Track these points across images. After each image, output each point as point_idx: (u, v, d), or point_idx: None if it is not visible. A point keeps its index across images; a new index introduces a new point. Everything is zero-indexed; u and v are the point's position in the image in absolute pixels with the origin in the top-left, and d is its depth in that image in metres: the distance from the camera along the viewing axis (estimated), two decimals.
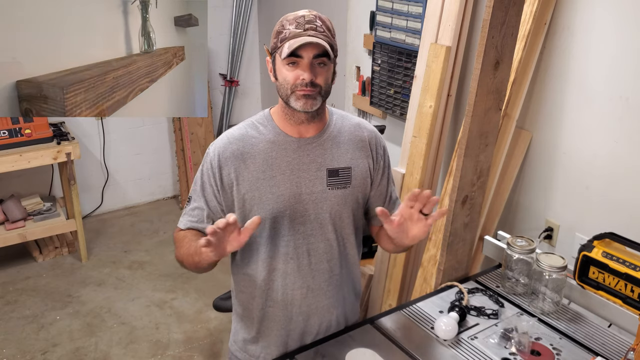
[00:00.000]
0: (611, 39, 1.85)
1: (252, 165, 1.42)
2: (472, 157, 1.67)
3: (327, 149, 1.45)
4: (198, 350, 2.90)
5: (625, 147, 1.86)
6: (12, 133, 3.25)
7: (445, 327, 1.50)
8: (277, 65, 1.37)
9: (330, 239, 1.48)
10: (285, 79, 1.35)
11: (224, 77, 4.38)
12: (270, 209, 1.42)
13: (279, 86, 1.38)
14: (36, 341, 2.94)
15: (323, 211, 1.45)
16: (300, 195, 1.43)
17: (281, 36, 1.34)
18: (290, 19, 1.35)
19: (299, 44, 1.29)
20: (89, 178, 4.12)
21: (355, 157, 1.48)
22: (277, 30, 1.36)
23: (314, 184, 1.44)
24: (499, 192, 2.24)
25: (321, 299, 1.52)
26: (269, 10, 4.25)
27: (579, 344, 1.49)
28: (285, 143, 1.43)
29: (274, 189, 1.42)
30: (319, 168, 1.44)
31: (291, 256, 1.46)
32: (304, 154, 1.43)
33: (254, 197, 1.42)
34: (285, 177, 1.42)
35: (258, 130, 1.45)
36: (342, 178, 1.46)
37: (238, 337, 1.62)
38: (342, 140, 1.48)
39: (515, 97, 2.09)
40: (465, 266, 1.86)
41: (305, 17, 1.34)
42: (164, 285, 3.44)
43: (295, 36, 1.31)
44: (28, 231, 3.47)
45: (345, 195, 1.46)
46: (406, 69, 2.68)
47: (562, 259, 1.59)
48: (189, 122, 4.20)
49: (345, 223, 1.49)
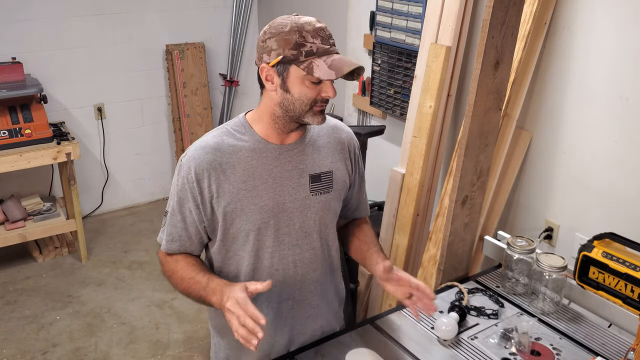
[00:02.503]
0: (611, 39, 1.85)
1: (232, 175, 1.33)
2: (472, 157, 1.67)
3: (308, 155, 1.40)
4: (198, 350, 2.89)
5: (625, 147, 1.86)
6: (12, 133, 3.25)
7: (445, 327, 1.50)
8: (290, 78, 1.26)
9: (315, 248, 1.44)
10: (305, 95, 1.27)
11: (224, 77, 4.38)
12: (253, 220, 1.35)
13: (292, 100, 1.28)
14: (36, 341, 2.94)
15: (308, 219, 1.41)
16: (284, 204, 1.37)
17: (305, 49, 1.23)
18: (309, 29, 1.24)
19: (348, 68, 1.22)
20: (89, 178, 4.12)
21: (335, 160, 1.45)
22: (297, 41, 1.23)
23: (297, 192, 1.38)
24: (499, 192, 2.24)
25: (307, 309, 1.49)
26: (269, 10, 4.25)
27: (579, 344, 1.49)
28: (265, 151, 1.36)
29: (257, 200, 1.35)
30: (301, 175, 1.39)
31: (276, 268, 1.41)
32: (286, 161, 1.38)
33: (235, 210, 1.34)
34: (268, 186, 1.35)
35: (235, 138, 1.36)
36: (324, 183, 1.42)
37: (220, 354, 1.55)
38: (321, 144, 1.44)
39: (515, 97, 2.10)
40: (465, 266, 1.86)
41: (324, 30, 1.26)
42: (164, 285, 3.43)
43: (327, 53, 1.24)
44: (28, 231, 3.47)
45: (328, 200, 1.43)
46: (406, 69, 2.68)
47: (562, 259, 1.59)
48: (189, 122, 4.20)
49: (329, 229, 1.47)
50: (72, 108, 3.91)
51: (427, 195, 2.52)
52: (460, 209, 1.72)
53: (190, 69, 4.15)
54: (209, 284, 1.31)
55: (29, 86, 3.32)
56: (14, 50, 3.53)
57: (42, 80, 3.48)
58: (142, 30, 4.01)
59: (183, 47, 4.10)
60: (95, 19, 3.82)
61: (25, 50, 3.60)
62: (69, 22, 3.73)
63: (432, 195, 2.55)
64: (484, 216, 2.21)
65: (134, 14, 3.95)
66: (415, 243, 2.56)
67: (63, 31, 3.73)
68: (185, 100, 4.17)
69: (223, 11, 4.29)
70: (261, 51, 1.29)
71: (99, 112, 4.02)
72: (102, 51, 3.90)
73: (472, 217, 1.78)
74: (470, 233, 1.81)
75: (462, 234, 1.78)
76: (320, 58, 1.24)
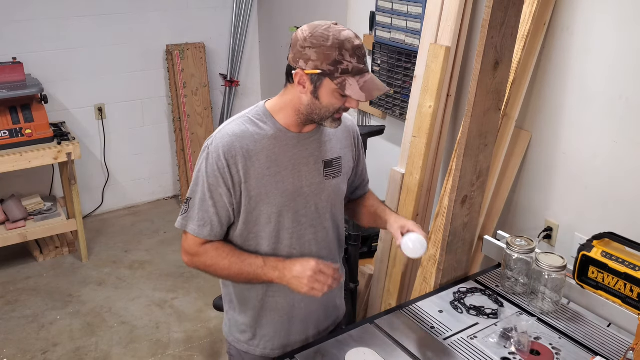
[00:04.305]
0: (611, 39, 1.85)
1: (257, 162, 1.42)
2: (472, 157, 1.68)
3: (322, 142, 1.52)
4: (198, 350, 2.90)
5: (625, 147, 1.86)
6: (13, 133, 3.25)
7: (413, 245, 1.45)
8: (323, 89, 1.35)
9: (327, 227, 1.56)
10: (333, 105, 1.37)
11: (224, 77, 4.39)
12: (276, 204, 1.45)
13: (320, 107, 1.38)
14: (37, 341, 2.94)
15: (322, 201, 1.52)
16: (302, 189, 1.48)
17: (342, 67, 1.32)
18: (348, 47, 1.32)
19: (378, 93, 1.36)
20: (90, 178, 4.13)
21: (343, 146, 1.57)
22: (337, 59, 1.31)
23: (313, 177, 1.49)
24: (499, 192, 2.24)
25: None
26: (269, 10, 4.26)
27: (579, 344, 1.50)
28: (286, 139, 1.46)
29: (279, 185, 1.45)
30: (317, 161, 1.50)
31: (294, 247, 1.51)
32: (303, 149, 1.48)
33: (260, 194, 1.44)
34: (288, 172, 1.46)
35: (258, 127, 1.45)
36: (335, 168, 1.54)
37: (235, 328, 1.63)
38: (331, 132, 1.55)
39: (514, 97, 2.10)
40: (465, 266, 1.86)
41: (361, 49, 1.34)
42: (165, 285, 3.44)
43: (359, 72, 1.33)
44: (29, 231, 3.47)
45: (338, 183, 1.55)
46: (406, 69, 2.68)
47: (561, 259, 1.60)
48: (189, 122, 4.21)
49: (338, 210, 1.59)
50: (72, 108, 3.92)
51: (426, 195, 2.53)
52: (459, 209, 1.72)
53: (191, 69, 4.15)
54: (267, 262, 1.44)
55: (29, 86, 3.33)
56: (14, 51, 3.54)
57: (42, 81, 3.48)
58: (142, 31, 4.01)
59: (183, 47, 4.10)
60: (95, 19, 3.82)
61: (26, 51, 3.60)
62: (70, 22, 3.74)
63: (431, 195, 2.55)
64: (483, 216, 2.21)
65: (135, 14, 3.96)
66: None
67: (64, 31, 3.73)
68: (186, 100, 4.17)
69: (223, 11, 4.29)
70: (298, 55, 1.35)
71: (99, 112, 4.02)
72: (103, 51, 3.91)
73: (472, 217, 1.79)
74: (469, 233, 1.81)
75: (462, 233, 1.78)
76: (354, 77, 1.33)
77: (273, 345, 1.60)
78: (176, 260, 3.64)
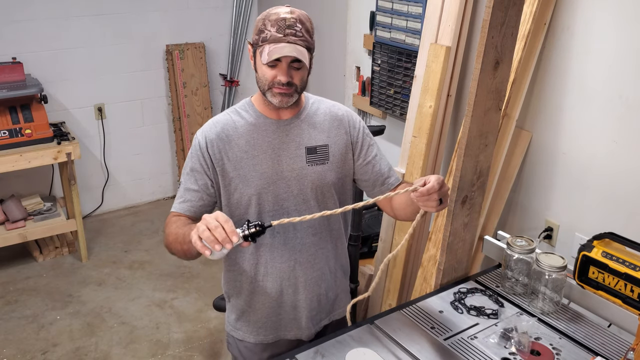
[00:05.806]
0: (611, 39, 1.85)
1: (235, 146, 1.52)
2: (472, 157, 1.67)
3: (304, 129, 1.56)
4: (198, 350, 2.90)
5: (625, 147, 1.86)
6: (13, 133, 3.25)
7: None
8: (257, 60, 1.47)
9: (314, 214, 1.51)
10: (264, 75, 1.46)
11: (224, 77, 4.39)
12: (254, 186, 1.52)
13: (258, 79, 1.49)
14: (36, 341, 2.94)
15: (305, 187, 1.55)
16: (282, 172, 1.53)
17: (262, 35, 1.42)
18: (272, 19, 1.41)
19: (277, 55, 1.39)
20: (89, 178, 4.13)
21: (332, 134, 1.59)
22: (260, 27, 1.43)
23: (294, 162, 1.53)
24: (499, 192, 2.24)
25: (308, 272, 1.62)
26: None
27: (579, 344, 1.49)
28: (265, 125, 1.53)
29: (257, 167, 1.51)
30: (298, 147, 1.54)
31: (277, 230, 1.56)
32: (283, 134, 1.54)
33: (238, 176, 1.52)
34: (267, 155, 1.52)
35: (240, 115, 1.56)
36: (320, 155, 1.56)
37: (231, 316, 1.71)
38: (317, 120, 1.58)
39: (515, 97, 2.10)
40: (465, 266, 1.86)
41: (286, 21, 1.41)
42: (165, 285, 3.44)
43: (276, 41, 1.40)
44: (28, 231, 3.47)
45: (325, 170, 1.56)
46: (406, 69, 2.68)
47: (561, 259, 1.60)
48: (189, 122, 4.21)
49: (327, 197, 1.59)
50: (72, 108, 3.91)
51: None
52: (460, 209, 1.72)
53: (191, 69, 4.15)
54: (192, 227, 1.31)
55: (29, 86, 3.33)
56: (14, 50, 3.54)
57: (42, 80, 3.48)
58: (142, 30, 4.01)
59: (183, 47, 4.10)
60: (95, 19, 3.82)
61: (26, 50, 3.60)
62: (69, 22, 3.74)
63: None
64: (483, 216, 2.21)
65: (134, 14, 3.95)
66: (415, 243, 2.57)
67: (63, 31, 3.73)
68: (186, 100, 4.17)
69: (223, 11, 4.29)
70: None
71: (99, 112, 4.02)
72: (103, 51, 3.90)
73: (472, 217, 1.78)
74: (470, 233, 1.81)
75: (462, 233, 1.78)
76: (270, 45, 1.40)
77: (266, 331, 1.65)
78: (176, 261, 3.63)
